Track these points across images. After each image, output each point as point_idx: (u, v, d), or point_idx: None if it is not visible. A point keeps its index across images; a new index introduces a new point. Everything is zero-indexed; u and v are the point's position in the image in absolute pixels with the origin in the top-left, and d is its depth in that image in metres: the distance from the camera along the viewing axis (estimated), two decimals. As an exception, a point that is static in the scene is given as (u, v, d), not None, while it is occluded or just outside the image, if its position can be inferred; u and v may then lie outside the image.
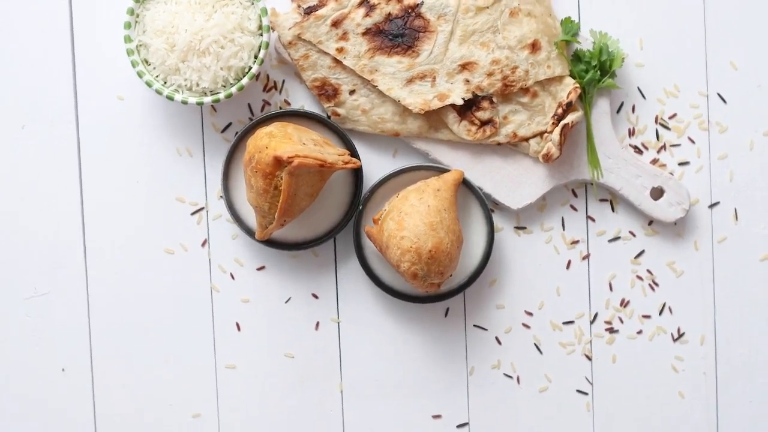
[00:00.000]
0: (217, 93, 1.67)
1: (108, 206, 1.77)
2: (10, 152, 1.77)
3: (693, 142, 1.77)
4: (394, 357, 1.78)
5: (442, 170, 1.72)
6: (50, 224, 1.77)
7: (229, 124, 1.77)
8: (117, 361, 1.78)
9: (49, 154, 1.77)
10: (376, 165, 1.76)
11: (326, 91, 1.72)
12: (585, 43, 1.74)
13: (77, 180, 1.77)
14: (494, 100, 1.71)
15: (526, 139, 1.73)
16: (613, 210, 1.78)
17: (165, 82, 1.68)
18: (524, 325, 1.78)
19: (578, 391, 1.78)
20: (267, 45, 1.65)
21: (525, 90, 1.71)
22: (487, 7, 1.69)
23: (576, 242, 1.77)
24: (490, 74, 1.69)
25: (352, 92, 1.73)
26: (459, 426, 1.78)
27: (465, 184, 1.72)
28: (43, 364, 1.78)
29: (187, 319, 1.78)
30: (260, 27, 1.66)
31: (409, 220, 1.62)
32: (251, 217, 1.72)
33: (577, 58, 1.73)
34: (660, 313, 1.78)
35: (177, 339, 1.78)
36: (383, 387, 1.78)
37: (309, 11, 1.71)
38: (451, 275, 1.66)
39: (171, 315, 1.78)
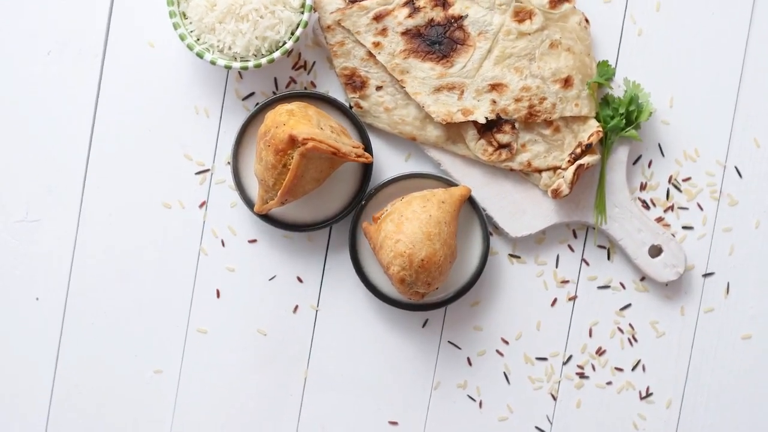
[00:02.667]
0: (247, 61, 1.67)
1: (115, 147, 1.77)
2: (30, 75, 1.76)
3: (701, 208, 1.77)
4: (364, 356, 1.78)
5: (450, 183, 1.72)
6: (56, 154, 1.77)
7: (252, 94, 1.77)
8: (92, 301, 1.78)
9: (68, 85, 1.77)
10: (387, 164, 1.76)
11: (354, 82, 1.72)
12: (617, 89, 1.74)
13: (91, 115, 1.77)
14: (516, 126, 1.71)
15: (540, 171, 1.73)
16: (608, 258, 1.78)
17: (198, 39, 1.67)
18: (498, 351, 1.78)
19: (537, 427, 1.78)
20: (306, 24, 1.65)
21: (548, 122, 1.71)
22: (529, 34, 1.69)
23: (566, 282, 1.78)
24: (518, 100, 1.69)
25: (379, 88, 1.73)
26: (413, 437, 1.79)
27: (470, 201, 1.72)
28: (18, 289, 1.78)
29: (170, 275, 1.77)
30: (303, 5, 1.66)
31: (409, 225, 1.62)
32: (254, 189, 1.72)
33: (605, 102, 1.73)
34: (633, 369, 1.78)
35: (155, 292, 1.78)
36: (347, 383, 1.78)
37: (354, 0, 1.71)
38: (437, 288, 1.66)
39: (154, 268, 1.77)
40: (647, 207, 1.77)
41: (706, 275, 1.78)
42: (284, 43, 1.67)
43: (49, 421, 1.78)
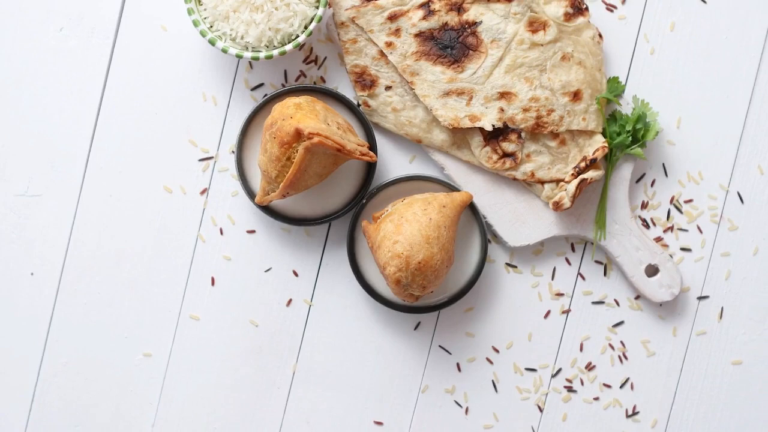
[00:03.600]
0: (259, 51, 1.67)
1: (121, 129, 1.77)
2: (41, 49, 1.76)
3: (701, 231, 1.77)
4: (354, 354, 1.78)
5: (452, 188, 1.72)
6: (61, 131, 1.77)
7: (261, 84, 1.77)
8: (86, 280, 1.77)
9: (78, 63, 1.76)
10: (390, 165, 1.76)
11: (364, 80, 1.72)
12: (625, 106, 1.74)
13: (99, 95, 1.77)
14: (522, 135, 1.71)
15: (542, 182, 1.73)
16: (605, 274, 1.78)
17: (211, 26, 1.67)
18: (488, 359, 1.78)
19: (521, 438, 1.79)
20: (320, 19, 1.65)
21: (555, 135, 1.71)
22: (542, 45, 1.69)
23: (561, 295, 1.78)
24: (526, 110, 1.70)
25: (388, 88, 1.73)
26: (397, 438, 1.79)
27: (470, 208, 1.72)
28: (14, 262, 1.78)
29: (166, 259, 1.77)
30: (318, 0, 1.66)
31: (408, 227, 1.62)
32: (256, 180, 1.72)
33: (613, 118, 1.73)
34: (621, 386, 1.78)
35: (150, 275, 1.77)
36: (334, 380, 1.78)
37: (369, -2, 1.71)
38: (432, 291, 1.66)
39: (151, 251, 1.77)
40: (647, 226, 1.78)
41: (700, 298, 1.78)
42: (297, 36, 1.67)
43: (35, 396, 1.78)
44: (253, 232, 1.77)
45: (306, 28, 1.66)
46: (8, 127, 1.77)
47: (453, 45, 1.70)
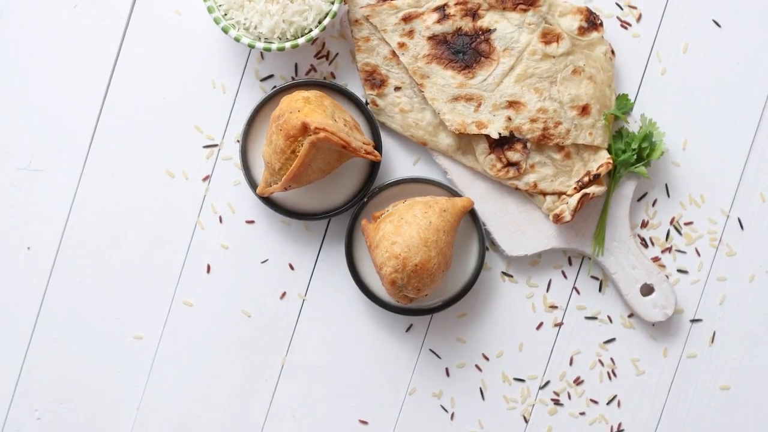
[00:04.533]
0: (271, 42, 1.66)
1: (127, 110, 1.77)
2: (54, 26, 1.76)
3: (699, 254, 1.78)
4: (344, 351, 1.78)
5: (454, 193, 1.72)
6: (68, 108, 1.77)
7: (271, 76, 1.76)
8: (82, 258, 1.77)
9: (90, 41, 1.76)
10: (394, 165, 1.76)
11: (374, 79, 1.72)
12: (632, 124, 1.74)
13: (108, 75, 1.77)
14: (528, 146, 1.71)
15: (544, 194, 1.73)
16: (600, 290, 1.78)
17: (225, 14, 1.67)
18: (477, 366, 1.78)
19: (504, 447, 1.79)
20: (335, 15, 1.65)
21: (560, 147, 1.71)
22: (554, 57, 1.69)
23: (554, 307, 1.78)
24: (533, 120, 1.70)
25: (397, 89, 1.73)
26: (381, 438, 1.79)
27: (471, 214, 1.72)
28: (11, 235, 1.77)
29: (163, 243, 1.77)
30: (335, -4, 1.67)
31: (407, 229, 1.62)
32: (259, 170, 1.72)
33: (619, 135, 1.73)
34: (608, 403, 1.78)
35: (146, 258, 1.77)
36: (323, 375, 1.78)
37: (385, -2, 1.71)
38: (426, 294, 1.66)
39: (149, 234, 1.77)
40: (645, 245, 1.78)
41: (693, 321, 1.78)
42: (310, 30, 1.67)
43: (22, 370, 1.78)
44: (252, 222, 1.77)
45: (320, 22, 1.66)
46: (16, 101, 1.77)
47: (465, 50, 1.70)
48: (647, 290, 1.76)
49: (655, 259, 1.78)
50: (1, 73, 1.77)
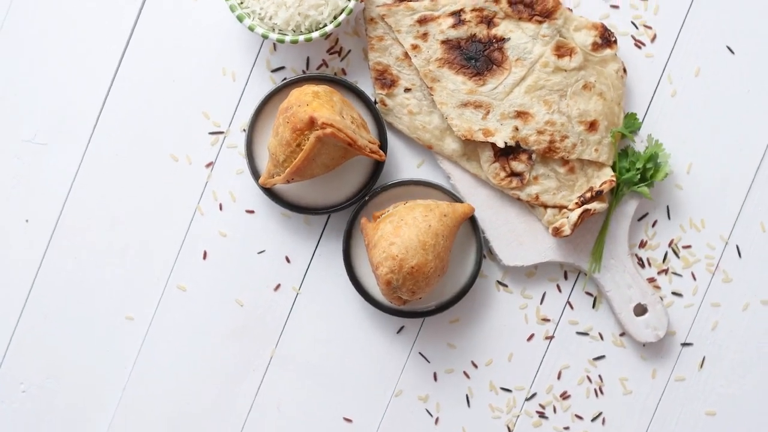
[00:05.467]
0: (285, 34, 1.66)
1: (136, 91, 1.77)
2: (68, 2, 1.76)
3: (694, 278, 1.78)
4: (333, 348, 1.78)
5: (455, 198, 1.72)
6: (77, 84, 1.77)
7: (282, 68, 1.76)
8: (79, 235, 1.77)
9: (105, 19, 1.76)
10: (398, 166, 1.76)
11: (384, 79, 1.72)
12: (639, 144, 1.75)
13: (120, 54, 1.77)
14: (533, 157, 1.71)
15: (546, 206, 1.73)
16: (593, 306, 1.78)
17: (241, 2, 1.67)
18: (465, 373, 1.78)
19: (486, 456, 1.79)
20: (350, 11, 1.65)
21: (565, 161, 1.71)
22: (566, 71, 1.69)
23: (547, 320, 1.78)
24: (540, 132, 1.70)
25: (407, 90, 1.73)
26: (363, 438, 1.79)
27: (471, 221, 1.72)
28: (10, 207, 1.77)
29: (161, 226, 1.77)
30: (352, -8, 1.67)
31: (407, 230, 1.62)
32: (263, 161, 1.72)
33: (625, 153, 1.73)
34: (593, 420, 1.78)
35: (143, 240, 1.77)
36: (311, 370, 1.78)
37: (402, -1, 1.71)
38: (420, 297, 1.66)
39: (148, 215, 1.77)
40: (642, 265, 1.78)
41: (684, 344, 1.78)
42: (325, 25, 1.67)
43: (10, 343, 1.78)
44: (252, 212, 1.77)
45: (335, 18, 1.66)
46: (27, 73, 1.77)
47: (478, 57, 1.70)
48: (641, 310, 1.76)
49: (651, 280, 1.78)
50: (14, 45, 1.76)
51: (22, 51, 1.77)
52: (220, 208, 1.78)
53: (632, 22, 1.76)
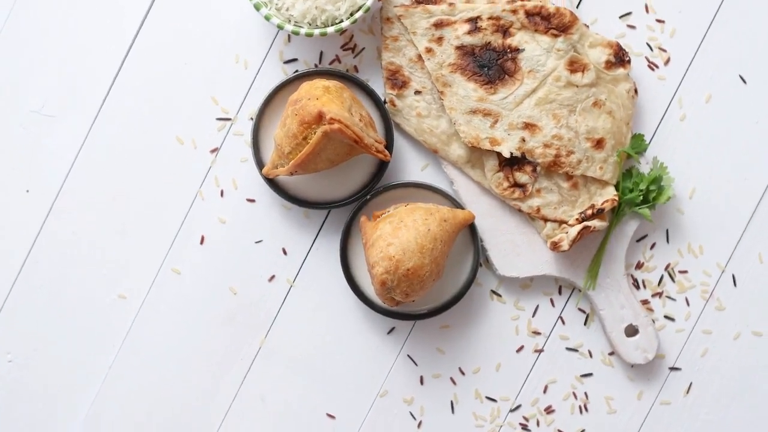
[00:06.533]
0: (300, 27, 1.66)
1: (148, 70, 1.77)
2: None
3: (688, 304, 1.78)
4: (322, 343, 1.78)
5: (457, 204, 1.72)
6: (90, 58, 1.76)
7: (295, 59, 1.76)
8: (78, 210, 1.77)
9: (122, -4, 1.77)
10: (402, 168, 1.76)
11: (396, 79, 1.72)
12: (644, 165, 1.75)
13: (134, 33, 1.76)
14: (537, 170, 1.71)
15: (546, 220, 1.73)
16: (585, 323, 1.78)
17: (260, -9, 1.67)
18: (452, 379, 1.78)
19: (466, 463, 1.79)
20: (368, 9, 1.65)
21: (569, 176, 1.71)
22: (577, 86, 1.69)
23: (538, 333, 1.78)
24: (546, 145, 1.70)
25: (417, 92, 1.73)
26: (345, 435, 1.79)
27: (470, 228, 1.72)
28: (12, 176, 1.77)
29: (161, 208, 1.77)
30: (371, -10, 1.66)
31: (405, 232, 1.62)
32: (268, 151, 1.72)
33: (629, 174, 1.73)
34: (575, 436, 1.79)
35: (142, 219, 1.77)
36: (298, 364, 1.78)
37: (420, 1, 1.71)
38: (413, 300, 1.66)
39: (148, 196, 1.77)
40: (637, 286, 1.78)
41: (672, 369, 1.78)
42: (341, 21, 1.67)
43: (1, 312, 1.78)
44: (252, 201, 1.77)
45: (352, 15, 1.66)
46: (39, 44, 1.76)
47: (491, 66, 1.70)
48: (632, 331, 1.76)
49: (645, 302, 1.78)
50: (31, 16, 1.76)
51: (37, 22, 1.76)
52: (222, 195, 1.77)
53: (647, 44, 1.76)
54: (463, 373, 1.78)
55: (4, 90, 1.76)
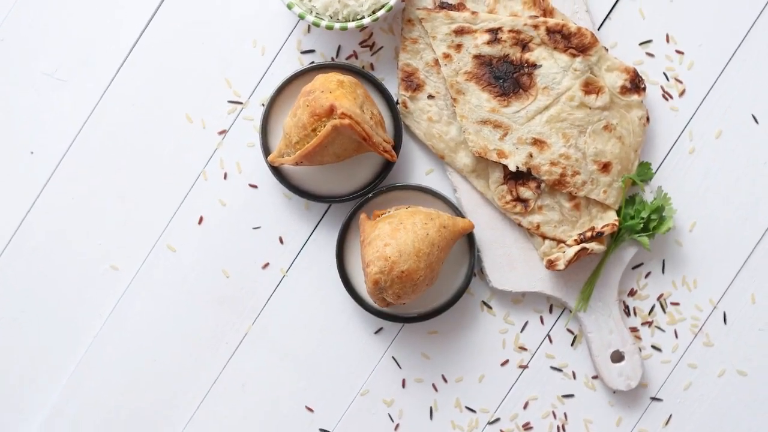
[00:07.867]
0: (321, 19, 1.66)
1: (164, 46, 1.76)
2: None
3: (676, 336, 1.78)
4: (309, 336, 1.78)
5: (457, 212, 1.72)
6: (108, 28, 1.76)
7: (312, 51, 1.76)
8: (80, 176, 1.77)
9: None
10: (408, 170, 1.76)
11: (410, 81, 1.72)
12: (647, 193, 1.75)
13: (155, 7, 1.76)
14: (542, 186, 1.71)
15: (544, 237, 1.73)
16: (572, 344, 1.78)
17: (284, -21, 1.67)
18: (434, 386, 1.78)
19: (439, 471, 1.79)
20: (390, 9, 1.65)
21: (572, 197, 1.71)
22: (590, 108, 1.69)
23: (524, 349, 1.78)
24: (553, 163, 1.70)
25: (430, 97, 1.73)
26: (321, 430, 1.78)
27: (468, 237, 1.72)
28: (18, 136, 1.77)
29: (162, 184, 1.77)
30: (395, -10, 1.66)
31: (404, 234, 1.62)
32: (276, 139, 1.72)
33: (632, 200, 1.74)
34: (550, 456, 1.79)
35: (142, 193, 1.77)
36: (282, 354, 1.78)
37: (443, 6, 1.71)
38: (404, 303, 1.66)
39: (152, 170, 1.77)
40: (628, 313, 1.78)
41: (654, 399, 1.78)
42: (363, 17, 1.67)
43: (-7, 269, 1.78)
44: (255, 187, 1.77)
45: (374, 12, 1.66)
46: (59, 8, 1.76)
47: (506, 78, 1.70)
48: (617, 357, 1.76)
49: (633, 330, 1.78)
50: (52, -24, 1.77)
51: (59, -15, 1.77)
52: (225, 177, 1.77)
53: (664, 73, 1.76)
54: (445, 381, 1.78)
55: (19, 50, 1.76)
